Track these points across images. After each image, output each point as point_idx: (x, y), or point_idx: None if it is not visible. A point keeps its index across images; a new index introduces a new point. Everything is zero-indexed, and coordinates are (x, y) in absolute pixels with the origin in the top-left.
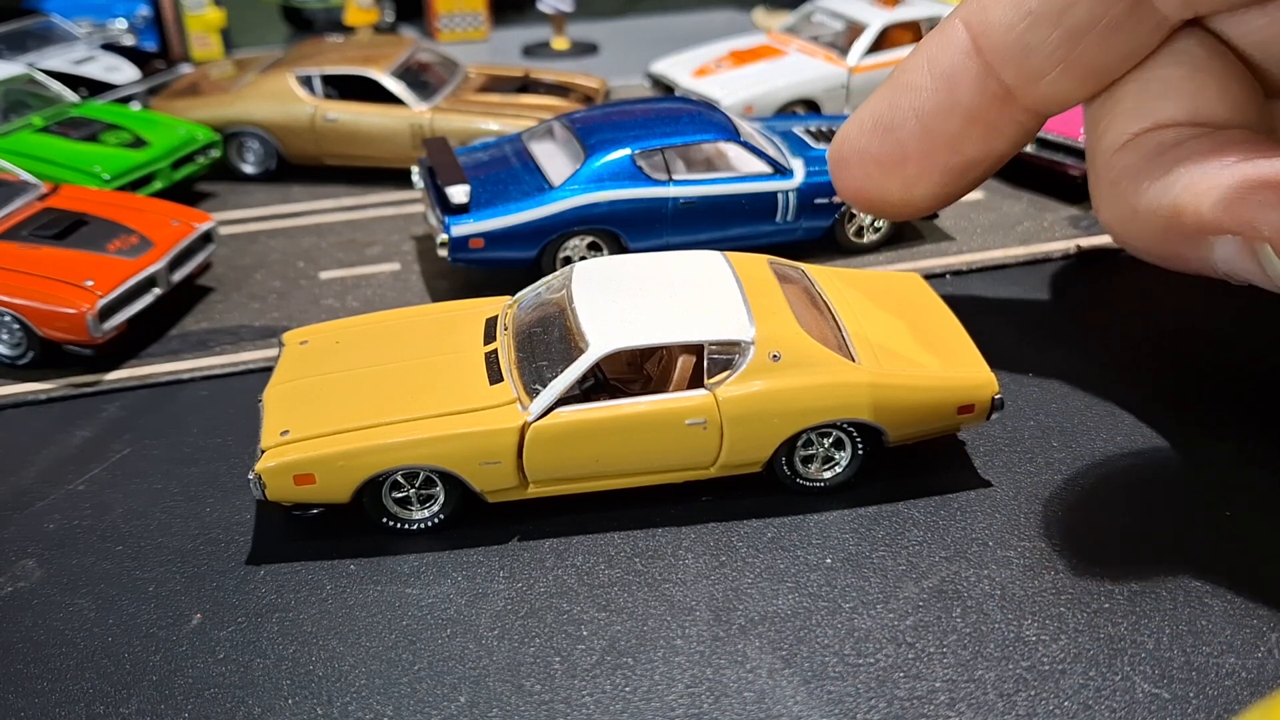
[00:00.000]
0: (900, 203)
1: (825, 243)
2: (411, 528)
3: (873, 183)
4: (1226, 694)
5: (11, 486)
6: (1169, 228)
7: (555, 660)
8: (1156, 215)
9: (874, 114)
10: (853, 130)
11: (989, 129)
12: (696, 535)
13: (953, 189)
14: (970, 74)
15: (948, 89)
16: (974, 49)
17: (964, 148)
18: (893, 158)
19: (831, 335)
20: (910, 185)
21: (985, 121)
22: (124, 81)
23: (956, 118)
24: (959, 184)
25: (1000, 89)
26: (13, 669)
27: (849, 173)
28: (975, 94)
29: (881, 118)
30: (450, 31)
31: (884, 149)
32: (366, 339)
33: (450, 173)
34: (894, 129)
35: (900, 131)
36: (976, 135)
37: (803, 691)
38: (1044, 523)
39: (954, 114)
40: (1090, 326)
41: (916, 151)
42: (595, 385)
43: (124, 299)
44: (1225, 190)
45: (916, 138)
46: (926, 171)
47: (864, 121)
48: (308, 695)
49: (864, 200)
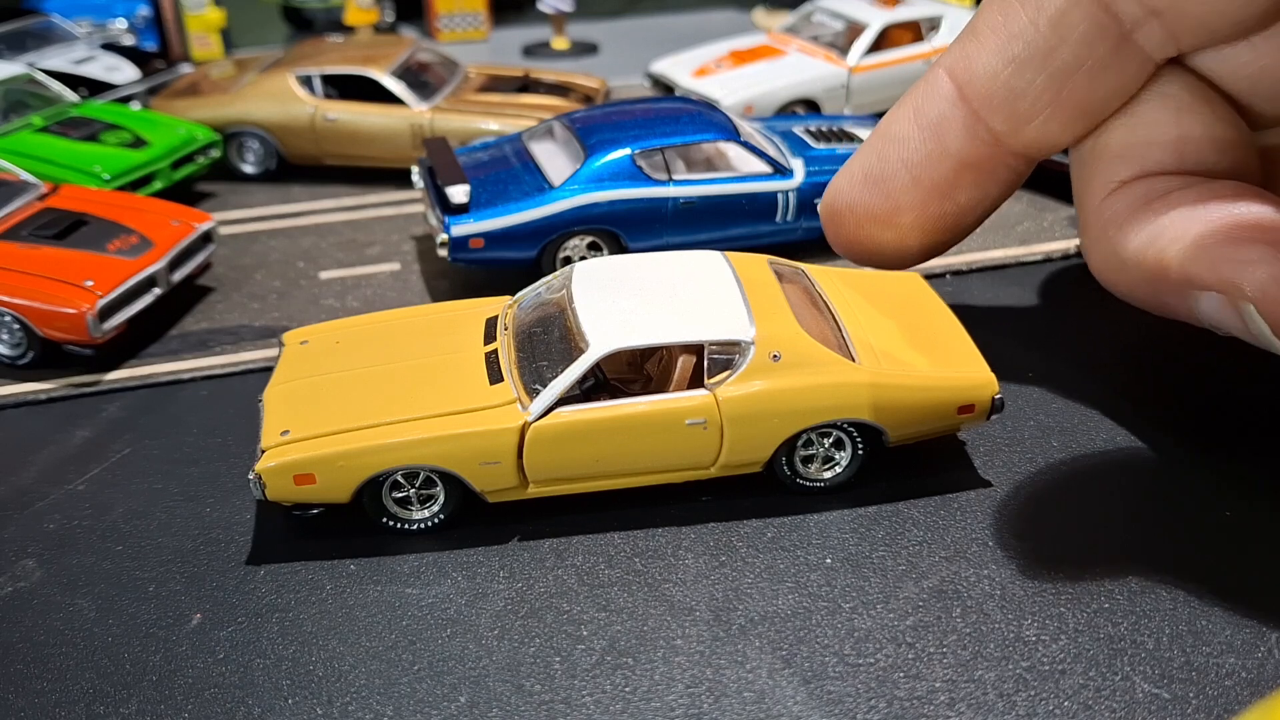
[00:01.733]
0: (895, 254)
1: (825, 243)
2: (411, 528)
3: (866, 235)
4: (1226, 694)
5: (11, 486)
6: (1155, 280)
7: (555, 660)
8: (1142, 267)
9: (864, 167)
10: (843, 184)
11: (980, 175)
12: (696, 535)
13: (947, 237)
14: (958, 122)
15: (936, 138)
16: (960, 97)
17: (957, 195)
18: (885, 209)
19: (831, 335)
20: (905, 236)
21: (976, 168)
22: (124, 81)
23: (947, 166)
24: (953, 232)
25: (989, 135)
26: (13, 669)
27: (843, 227)
28: (964, 141)
29: (871, 170)
30: (450, 31)
31: (876, 201)
32: (366, 339)
33: (450, 173)
34: (884, 180)
35: (891, 183)
36: (968, 182)
37: (803, 691)
38: (1044, 523)
39: (944, 162)
40: (1090, 326)
41: (909, 202)
42: (595, 385)
43: (124, 299)
44: (1209, 248)
45: (908, 189)
46: (920, 221)
47: (854, 175)
48: (308, 695)
49: (859, 252)
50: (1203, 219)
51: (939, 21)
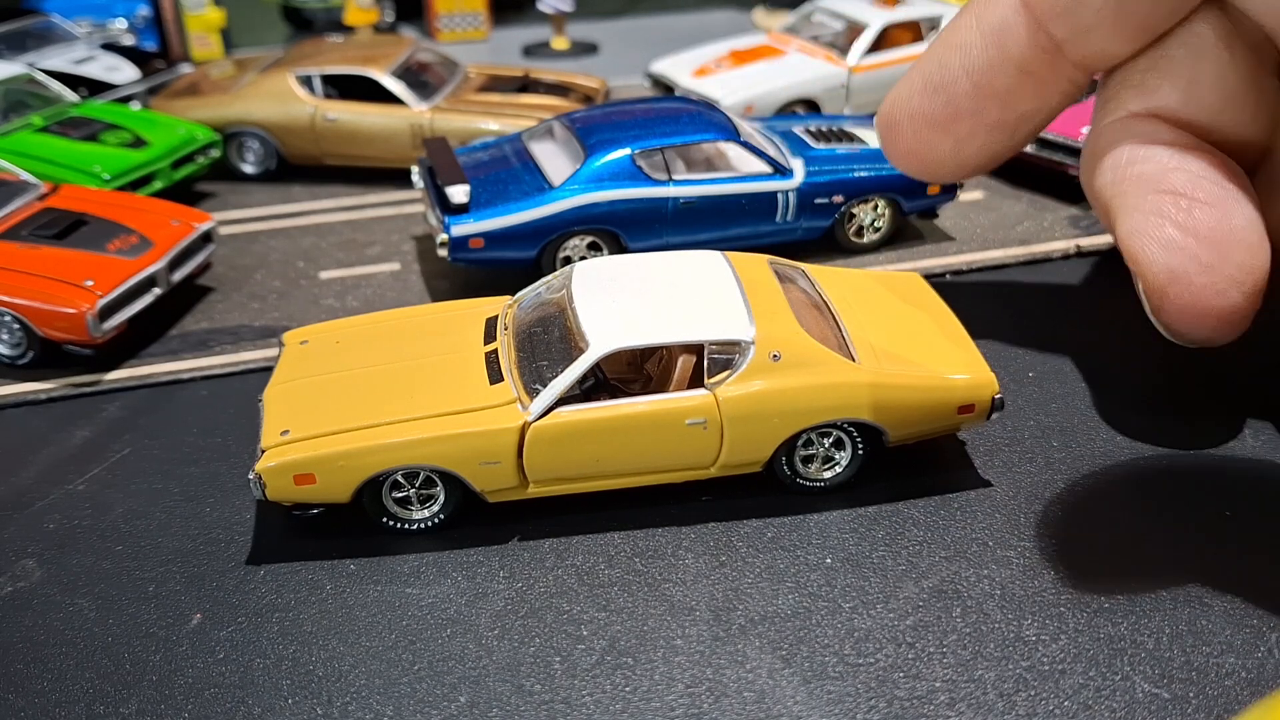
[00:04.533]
0: (951, 161)
1: (825, 243)
2: (411, 528)
3: (924, 143)
4: (1226, 694)
5: (11, 486)
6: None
7: (555, 660)
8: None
9: (924, 75)
10: (902, 92)
11: (1040, 83)
12: (696, 535)
13: (1003, 146)
14: (1020, 28)
15: (998, 44)
16: (1022, 4)
17: (1016, 102)
18: (945, 115)
19: (831, 335)
20: (962, 143)
21: (1036, 76)
22: (124, 81)
23: (1008, 72)
24: (1010, 140)
25: (1050, 43)
26: (13, 669)
27: (900, 134)
28: (1026, 48)
29: (931, 78)
30: (450, 31)
31: (935, 108)
32: (366, 339)
33: (450, 173)
34: (945, 87)
35: (952, 89)
36: (1028, 90)
37: (803, 691)
38: (1044, 523)
39: (1005, 69)
40: (1090, 326)
41: (969, 108)
42: (595, 385)
43: (124, 299)
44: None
45: (968, 95)
46: (978, 128)
47: (914, 83)
48: (308, 695)
49: (916, 160)
50: (1152, 183)
51: (939, 21)
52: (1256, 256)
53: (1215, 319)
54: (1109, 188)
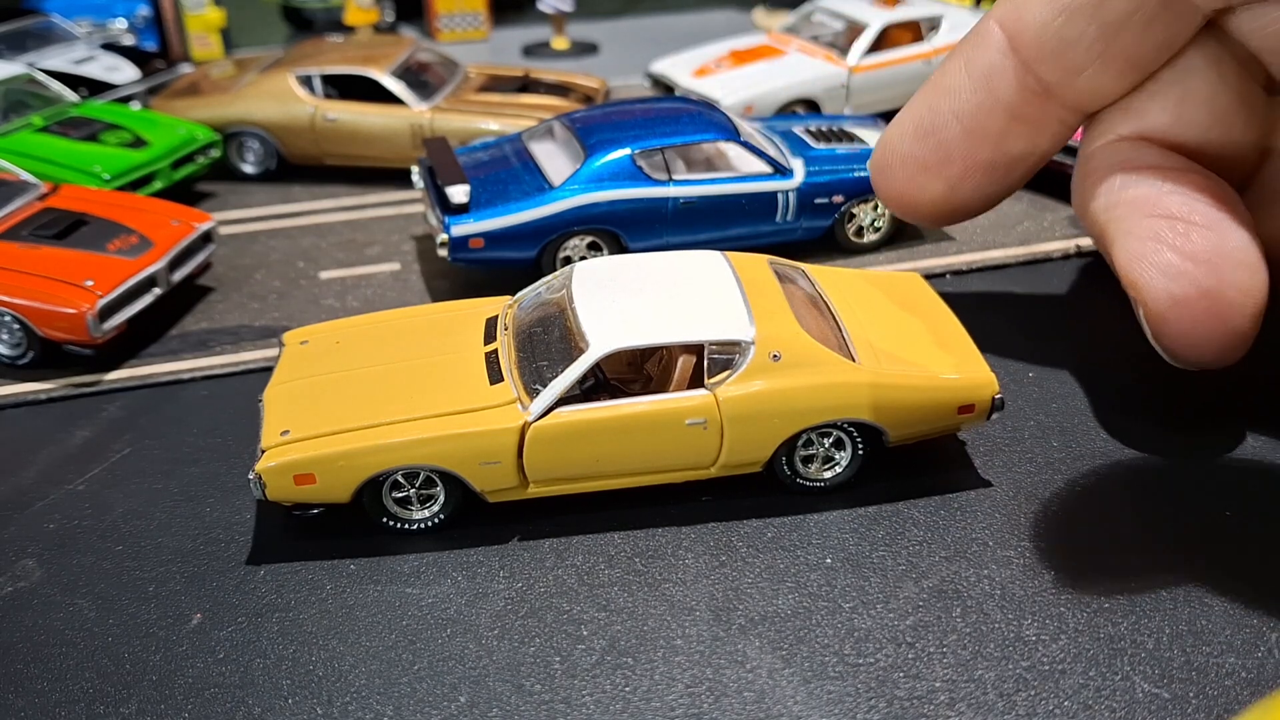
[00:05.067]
0: (944, 204)
1: (825, 243)
2: (411, 528)
3: (916, 186)
4: (1226, 694)
5: (11, 486)
6: (1098, 240)
7: (555, 660)
8: (1093, 225)
9: (914, 119)
10: (893, 137)
11: (1031, 126)
12: (696, 535)
13: (996, 189)
14: (1008, 72)
15: (987, 88)
16: (1010, 48)
17: (1007, 146)
18: (936, 159)
19: (831, 335)
20: (954, 186)
21: (1026, 119)
22: (124, 81)
23: (998, 117)
24: (1003, 183)
25: (1039, 86)
26: (13, 669)
27: (892, 178)
28: (1015, 92)
29: (922, 122)
30: (450, 31)
31: (926, 152)
32: (366, 339)
33: (450, 173)
34: (935, 132)
35: (942, 134)
36: (1019, 133)
37: (803, 691)
38: (1044, 523)
39: (995, 113)
40: (1090, 326)
41: (960, 152)
42: (595, 385)
43: (124, 299)
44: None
45: (959, 139)
46: (971, 171)
47: (904, 128)
48: (308, 695)
49: (908, 204)
50: (1147, 207)
51: (939, 21)
52: (1255, 277)
53: (1218, 342)
54: (1103, 212)
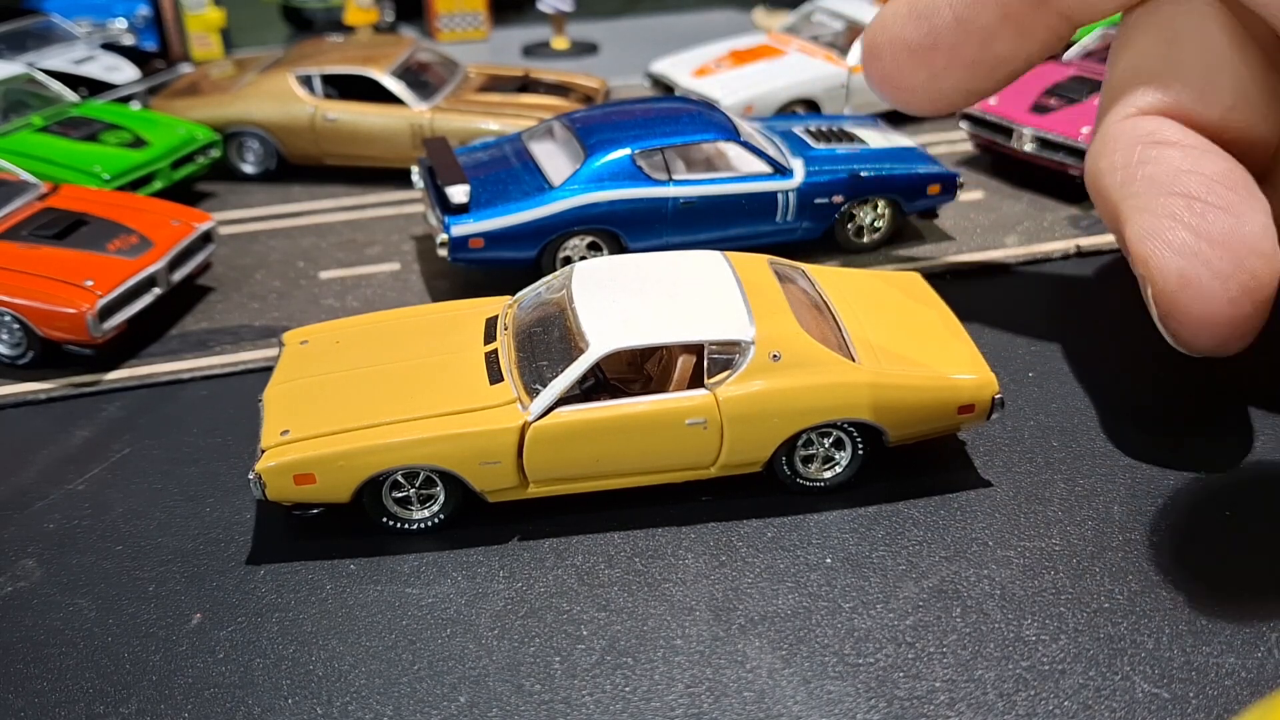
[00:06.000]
0: (924, 91)
1: (825, 243)
2: (411, 528)
3: (901, 69)
4: (1226, 694)
5: (11, 486)
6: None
7: (555, 660)
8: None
9: (910, 3)
10: (888, 16)
11: (1021, 27)
12: (696, 535)
13: (978, 86)
14: None
15: None
16: None
17: (994, 43)
18: (924, 45)
19: (831, 335)
20: (938, 75)
21: (1018, 18)
22: (124, 81)
23: (991, 11)
24: (985, 82)
25: None
26: (13, 669)
27: (879, 59)
28: None
29: (918, 5)
30: (450, 31)
31: (917, 35)
32: (366, 339)
33: (450, 173)
34: (928, 17)
35: (934, 19)
36: (1008, 32)
37: (803, 691)
38: (1044, 523)
39: (989, 7)
40: (1090, 326)
41: (947, 41)
42: (595, 385)
43: (124, 299)
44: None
45: (950, 27)
46: (955, 63)
47: (899, 9)
48: (308, 695)
49: (891, 85)
50: (1164, 185)
51: None
52: (1269, 264)
53: (1226, 327)
54: (1117, 188)
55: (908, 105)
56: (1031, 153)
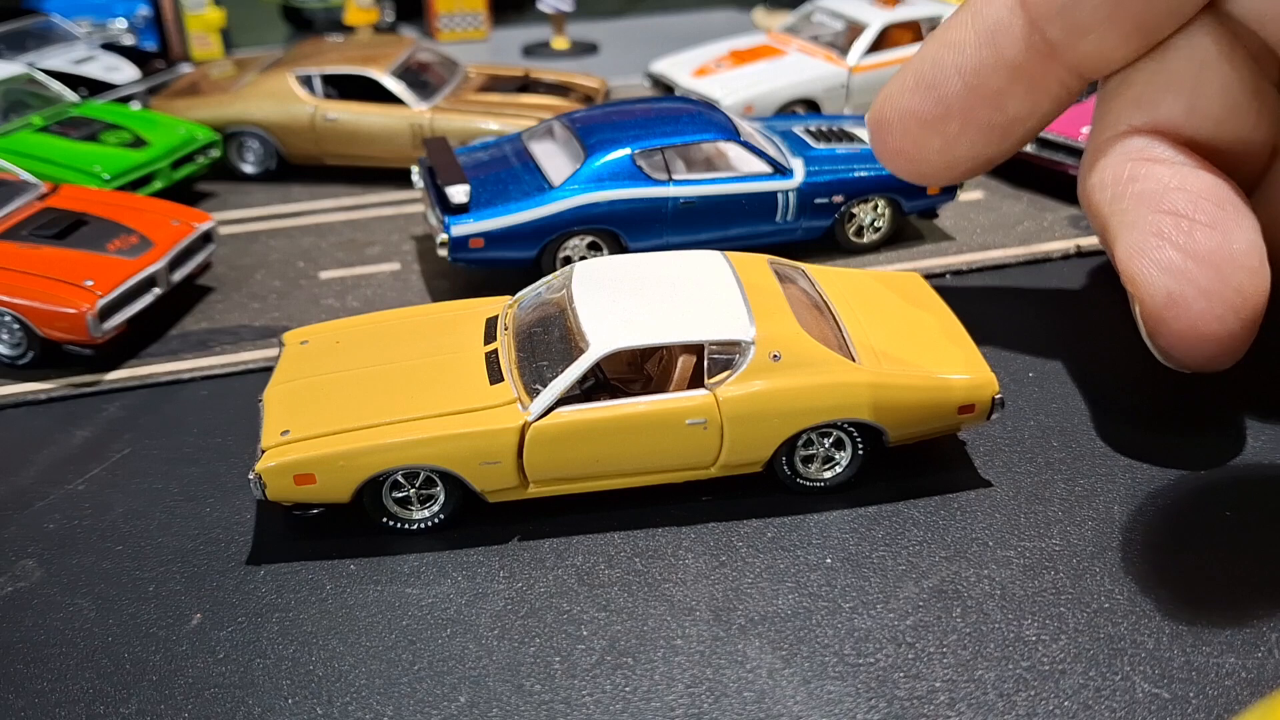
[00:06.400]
0: (940, 162)
1: (825, 243)
2: (411, 528)
3: (913, 141)
4: (1226, 694)
5: (11, 486)
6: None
7: (555, 660)
8: (1098, 215)
9: (916, 72)
10: (894, 90)
11: (1032, 85)
12: (696, 535)
13: (994, 149)
14: (1015, 29)
15: (992, 44)
16: (1019, 4)
17: (1007, 104)
18: (935, 114)
19: (831, 335)
20: (952, 143)
21: (1029, 78)
22: (124, 81)
23: (1000, 74)
24: (1001, 144)
25: (1044, 45)
26: (13, 669)
27: (890, 132)
28: (1019, 49)
29: (924, 76)
30: (450, 31)
31: (926, 106)
32: (367, 339)
33: (450, 173)
34: (937, 86)
35: (943, 88)
36: (1020, 92)
37: (803, 691)
38: (1044, 523)
39: (998, 70)
40: (1090, 326)
41: (959, 108)
42: (595, 385)
43: (124, 299)
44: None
45: (960, 94)
46: (968, 128)
47: (906, 81)
48: (308, 695)
49: (904, 160)
50: (1152, 203)
51: (939, 22)
52: (1256, 281)
53: (1214, 344)
54: (1107, 205)
55: (922, 176)
56: (1031, 153)
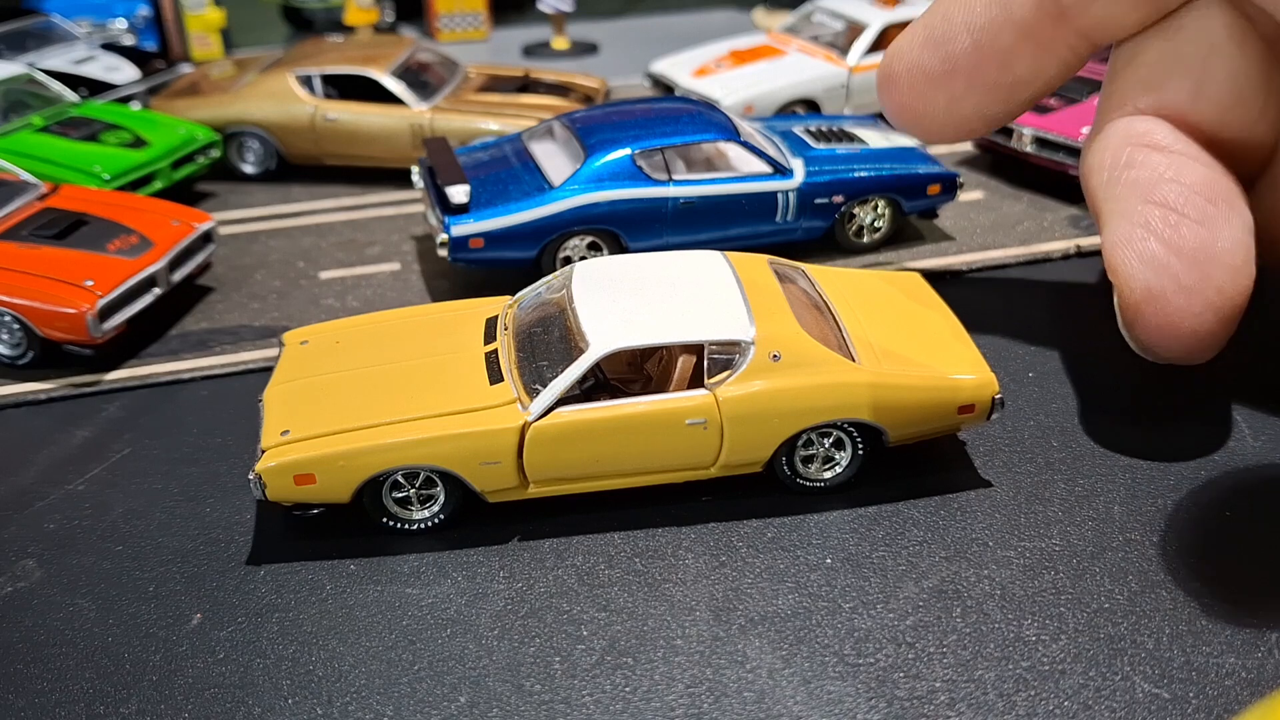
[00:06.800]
0: (944, 119)
1: (825, 243)
2: (411, 528)
3: (919, 96)
4: (1226, 694)
5: (11, 486)
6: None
7: (555, 660)
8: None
9: (926, 28)
10: (903, 44)
11: (1040, 47)
12: (696, 535)
13: (998, 110)
14: None
15: (1002, 4)
16: None
17: (1014, 65)
18: (942, 70)
19: (831, 335)
20: (956, 100)
21: (1037, 39)
22: (124, 81)
23: (1009, 32)
24: (1005, 105)
25: (1055, 7)
26: (13, 669)
27: (896, 87)
28: (1029, 10)
29: (934, 31)
30: (450, 31)
31: (934, 61)
32: (366, 339)
33: (450, 173)
34: (945, 42)
35: (951, 44)
36: (1027, 53)
37: (803, 691)
38: (1044, 523)
39: (1006, 28)
40: (1090, 326)
41: (966, 65)
42: (595, 385)
43: (124, 299)
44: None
45: (968, 51)
46: (974, 87)
47: (915, 36)
48: (308, 695)
49: (909, 114)
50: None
51: None
52: (1238, 280)
53: (1190, 339)
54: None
55: (926, 133)
56: (1031, 153)
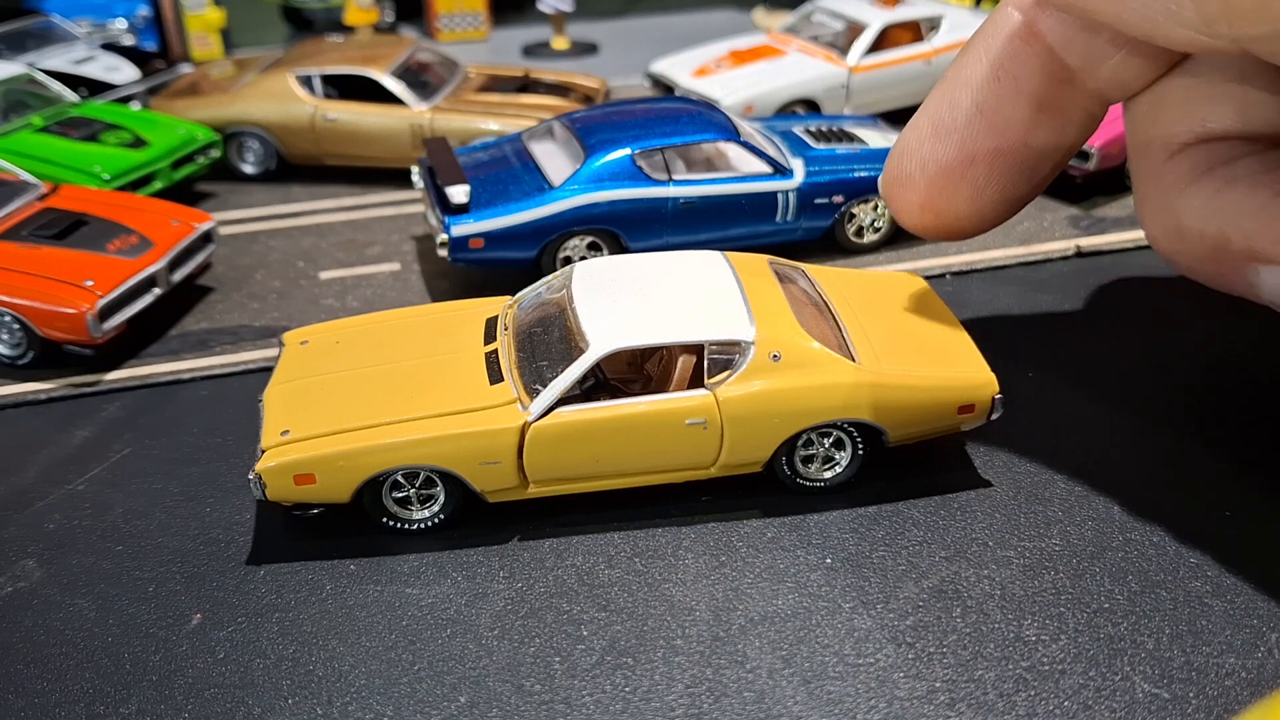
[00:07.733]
0: (970, 209)
1: (825, 243)
2: (411, 528)
3: (941, 193)
4: (1226, 694)
5: (11, 486)
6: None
7: (555, 660)
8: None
9: (932, 119)
10: (910, 141)
11: (1057, 115)
12: (696, 535)
13: (1023, 191)
14: (1031, 58)
15: (1010, 76)
16: (1030, 33)
17: (1033, 138)
18: (959, 160)
19: (831, 335)
20: (981, 190)
21: (1052, 107)
22: (124, 81)
23: (1022, 106)
24: (1029, 184)
25: (1064, 71)
26: (13, 669)
27: (913, 188)
28: (1039, 79)
29: (941, 121)
30: (450, 31)
31: (950, 152)
32: (367, 339)
33: (450, 173)
34: (956, 129)
35: (964, 131)
36: (1045, 123)
37: (803, 691)
38: (1044, 523)
39: (1019, 102)
40: (1090, 326)
41: (985, 149)
42: (595, 385)
43: (124, 299)
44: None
45: (983, 134)
46: (996, 170)
47: (921, 130)
48: (308, 695)
49: (931, 214)
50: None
51: (939, 21)
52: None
53: None
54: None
55: (950, 231)
56: None
